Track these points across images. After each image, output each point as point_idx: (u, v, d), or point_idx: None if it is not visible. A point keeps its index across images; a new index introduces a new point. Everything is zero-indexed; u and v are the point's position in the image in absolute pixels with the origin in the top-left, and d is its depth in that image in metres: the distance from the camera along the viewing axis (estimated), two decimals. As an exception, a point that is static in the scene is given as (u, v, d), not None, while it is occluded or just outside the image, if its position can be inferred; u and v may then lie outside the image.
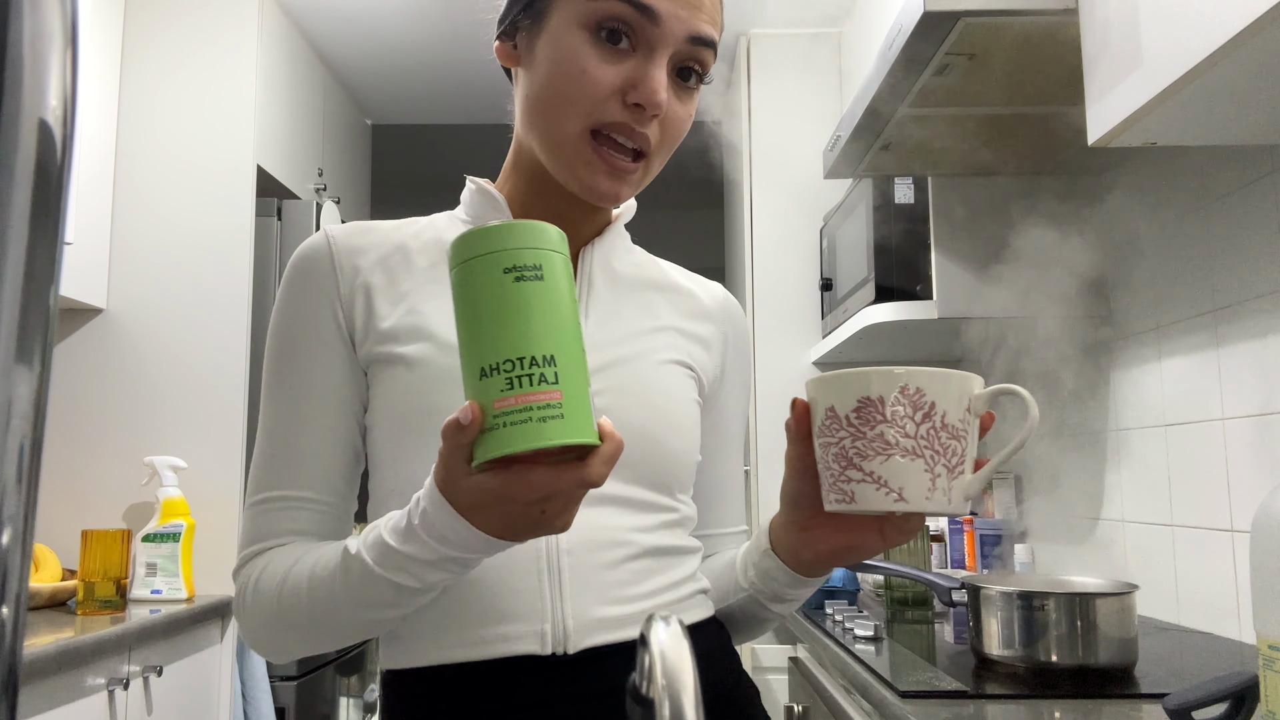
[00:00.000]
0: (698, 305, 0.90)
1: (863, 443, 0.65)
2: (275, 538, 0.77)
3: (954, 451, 0.64)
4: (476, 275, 0.59)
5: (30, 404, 0.21)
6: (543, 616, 0.73)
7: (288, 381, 0.78)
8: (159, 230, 2.42)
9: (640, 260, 0.90)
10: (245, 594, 0.75)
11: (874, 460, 0.65)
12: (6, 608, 0.21)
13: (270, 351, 0.80)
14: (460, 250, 0.60)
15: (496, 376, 0.57)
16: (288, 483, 0.77)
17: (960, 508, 0.65)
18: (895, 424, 0.64)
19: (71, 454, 2.34)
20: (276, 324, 0.80)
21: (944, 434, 0.64)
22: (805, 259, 2.71)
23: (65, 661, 1.62)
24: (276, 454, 0.77)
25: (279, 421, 0.78)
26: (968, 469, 0.65)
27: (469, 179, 0.86)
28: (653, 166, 0.79)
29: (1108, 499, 1.93)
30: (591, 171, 0.76)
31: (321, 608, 0.70)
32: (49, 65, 0.22)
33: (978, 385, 0.66)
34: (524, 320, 0.58)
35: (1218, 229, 1.55)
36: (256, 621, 0.74)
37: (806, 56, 2.78)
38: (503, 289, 0.58)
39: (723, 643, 0.84)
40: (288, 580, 0.72)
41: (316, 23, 2.82)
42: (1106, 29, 1.20)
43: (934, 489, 0.64)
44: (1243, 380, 1.48)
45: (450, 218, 0.87)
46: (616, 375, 0.79)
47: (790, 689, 1.95)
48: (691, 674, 0.39)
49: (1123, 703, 1.07)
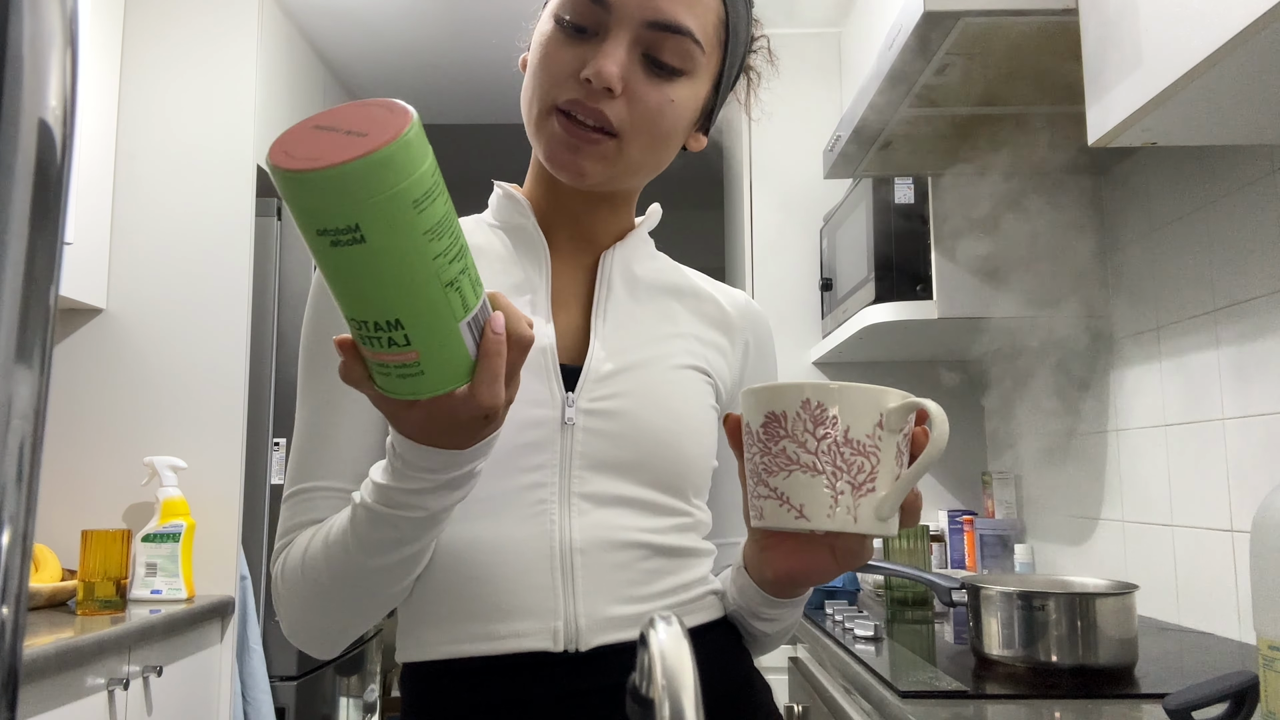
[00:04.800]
0: (718, 312, 0.90)
1: (768, 458, 0.64)
2: (306, 526, 0.78)
3: (859, 468, 0.62)
4: (303, 235, 0.53)
5: (30, 404, 0.21)
6: (555, 614, 0.74)
7: (319, 376, 0.80)
8: (159, 230, 2.42)
9: (662, 266, 0.91)
10: (278, 582, 0.77)
11: (777, 476, 0.64)
12: (6, 608, 0.21)
13: (304, 348, 0.81)
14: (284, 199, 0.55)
15: (356, 329, 0.56)
16: (321, 474, 0.78)
17: (871, 527, 0.62)
18: (795, 439, 0.63)
19: (71, 454, 2.34)
20: (308, 320, 0.81)
21: (847, 449, 0.62)
22: (805, 259, 2.71)
23: (65, 661, 1.61)
24: (312, 448, 0.79)
25: (312, 416, 0.80)
26: (880, 486, 0.63)
27: (496, 184, 0.88)
28: (628, 149, 0.78)
29: (1108, 499, 1.93)
30: (554, 144, 0.78)
31: (339, 566, 0.71)
32: (49, 65, 0.22)
33: (892, 400, 0.63)
34: (354, 286, 0.53)
35: (1218, 229, 1.55)
36: (291, 606, 0.75)
37: (806, 56, 2.78)
38: (323, 253, 0.53)
39: (733, 641, 0.84)
40: (308, 552, 0.73)
41: (316, 23, 2.81)
42: (1106, 29, 1.20)
43: (836, 505, 0.62)
44: (1242, 380, 1.48)
45: (478, 221, 0.88)
46: (632, 379, 0.80)
47: (790, 689, 1.95)
48: (691, 674, 0.39)
49: (1123, 703, 1.07)
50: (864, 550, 0.70)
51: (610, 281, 0.85)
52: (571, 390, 0.79)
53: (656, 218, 0.91)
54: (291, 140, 0.51)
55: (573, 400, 0.78)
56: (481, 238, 0.86)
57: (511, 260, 0.85)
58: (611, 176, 0.80)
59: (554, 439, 0.77)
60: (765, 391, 0.65)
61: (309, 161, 0.50)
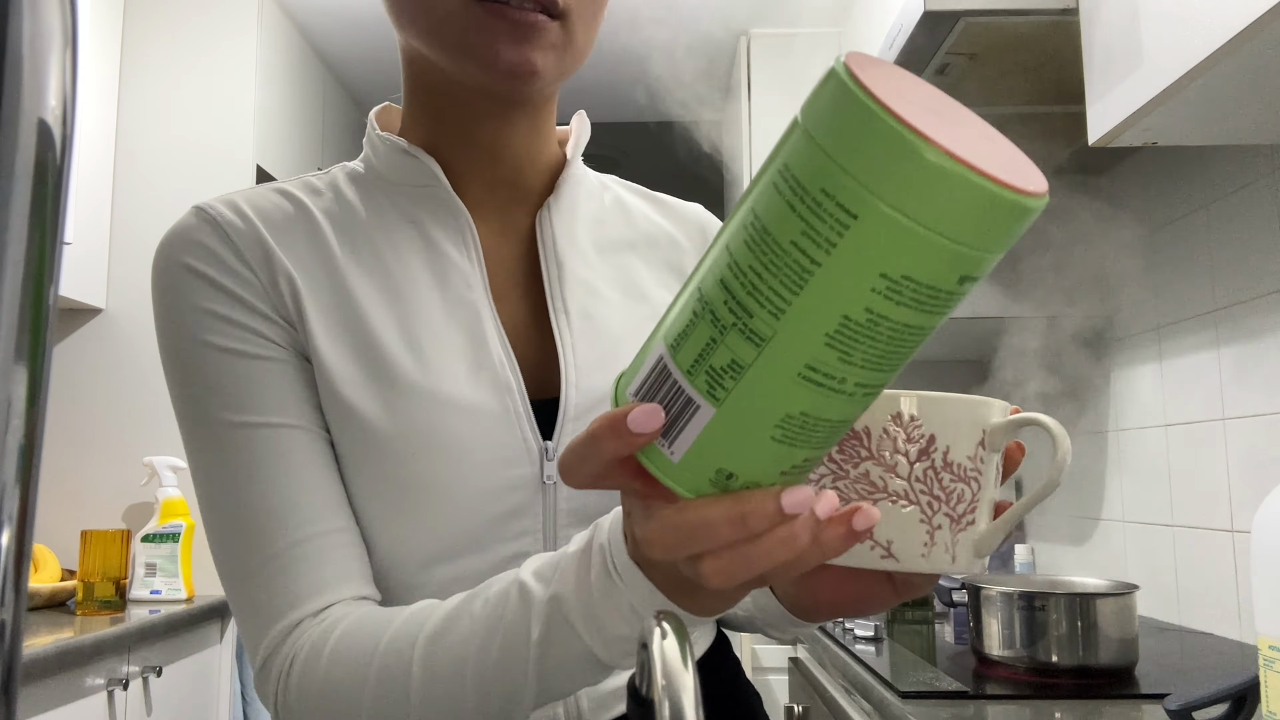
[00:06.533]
0: (677, 251, 0.76)
1: (845, 483, 0.52)
2: (323, 594, 0.57)
3: (960, 497, 0.51)
4: (857, 275, 0.33)
5: (29, 404, 0.21)
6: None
7: (248, 399, 0.64)
8: (159, 230, 2.42)
9: (604, 212, 0.74)
10: (294, 693, 0.55)
11: None
12: (6, 608, 0.21)
13: (198, 371, 0.65)
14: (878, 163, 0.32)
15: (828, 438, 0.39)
16: (313, 520, 0.58)
17: (968, 566, 0.51)
18: (882, 461, 0.51)
19: (71, 454, 2.34)
20: (192, 327, 0.67)
21: (946, 475, 0.51)
22: (805, 259, 2.71)
23: (65, 662, 1.61)
24: (284, 489, 0.59)
25: (261, 458, 0.61)
26: (981, 518, 0.52)
27: (372, 119, 0.71)
28: (576, 31, 0.63)
29: (1108, 499, 1.93)
30: (488, 38, 0.60)
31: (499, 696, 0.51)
32: (49, 65, 0.21)
33: (996, 414, 0.52)
34: (895, 366, 0.38)
35: (1218, 229, 1.55)
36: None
37: (806, 56, 2.78)
38: (881, 306, 0.34)
39: (725, 652, 0.77)
40: (389, 666, 0.53)
41: (316, 23, 2.81)
42: (1106, 29, 1.20)
43: (933, 544, 0.51)
44: (1243, 380, 1.48)
45: (352, 179, 0.70)
46: (610, 380, 0.66)
47: (790, 689, 1.95)
48: (691, 675, 0.39)
49: (1123, 703, 1.07)
50: (933, 584, 0.56)
51: (558, 253, 0.68)
52: (549, 438, 0.63)
53: (586, 132, 0.73)
54: (944, 126, 0.32)
55: (552, 452, 0.63)
56: (373, 209, 0.67)
57: (423, 239, 0.66)
58: (561, 73, 0.63)
59: (534, 501, 0.62)
60: None
61: (1018, 180, 0.32)
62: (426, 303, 0.64)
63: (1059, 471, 0.50)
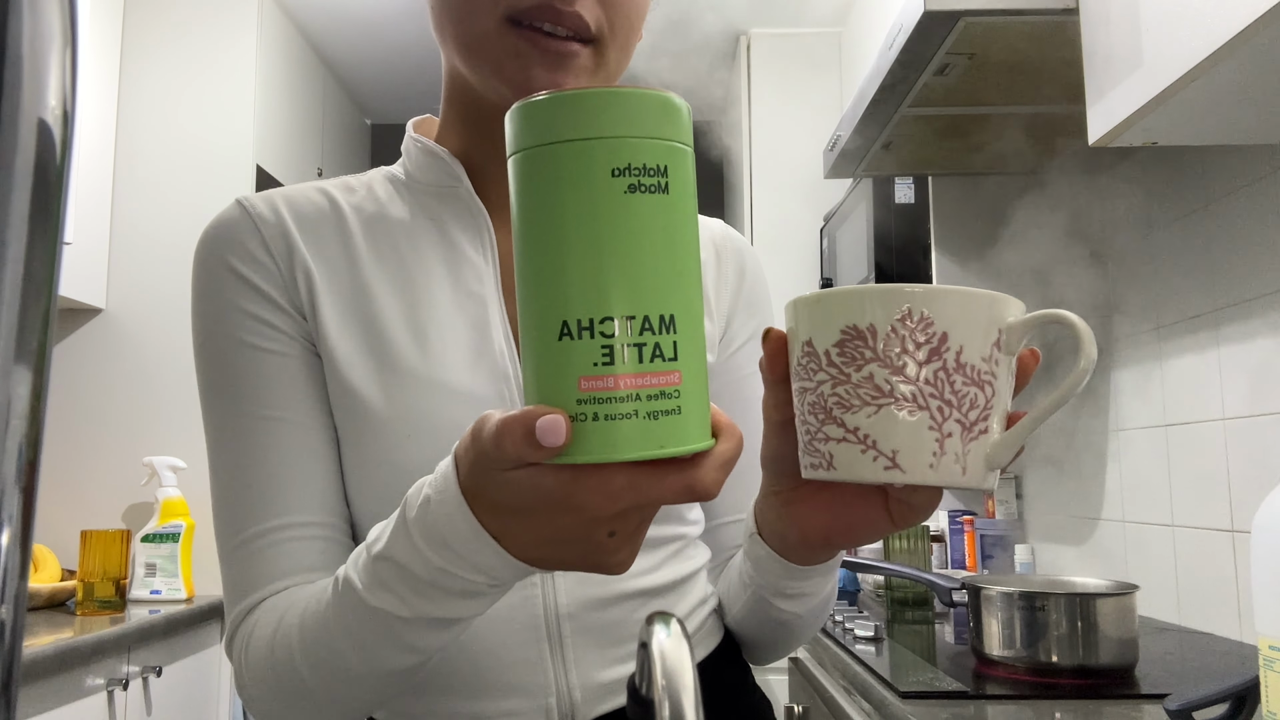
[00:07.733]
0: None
1: (846, 388, 0.47)
2: (275, 581, 0.61)
3: (973, 402, 0.46)
4: (564, 172, 0.39)
5: (29, 404, 0.21)
6: (546, 689, 0.65)
7: (245, 387, 0.67)
8: (158, 230, 2.42)
9: None
10: (241, 669, 0.60)
11: (860, 413, 0.47)
12: (6, 608, 0.21)
13: (212, 354, 0.69)
14: (533, 125, 0.40)
15: (587, 340, 0.39)
16: (284, 509, 0.62)
17: (981, 481, 0.47)
18: (889, 362, 0.46)
19: (71, 454, 2.34)
20: (212, 318, 0.70)
21: (959, 378, 0.46)
22: (805, 259, 2.71)
23: (64, 662, 1.61)
24: (262, 477, 0.62)
25: (248, 438, 0.64)
26: (994, 427, 0.47)
27: (411, 127, 0.74)
28: (610, 57, 0.65)
29: (1108, 499, 1.93)
30: (523, 64, 0.62)
31: (322, 665, 0.54)
32: (49, 65, 0.21)
33: (1013, 311, 0.48)
34: (638, 255, 0.39)
35: (1218, 229, 1.55)
36: (259, 701, 0.59)
37: (806, 56, 2.78)
38: (609, 201, 0.39)
39: (732, 656, 0.76)
40: (278, 635, 0.57)
41: (316, 23, 2.81)
42: (1106, 29, 1.20)
43: (942, 453, 0.46)
44: (1243, 380, 1.48)
45: (386, 180, 0.73)
46: None
47: (790, 689, 1.95)
48: (691, 674, 0.39)
49: (1123, 703, 1.07)
50: (933, 505, 0.52)
51: None
52: None
53: None
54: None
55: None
56: (399, 207, 0.70)
57: (441, 236, 0.69)
58: None
59: None
60: (843, 298, 0.48)
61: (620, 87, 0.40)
62: (437, 293, 0.67)
63: (1082, 375, 0.47)
